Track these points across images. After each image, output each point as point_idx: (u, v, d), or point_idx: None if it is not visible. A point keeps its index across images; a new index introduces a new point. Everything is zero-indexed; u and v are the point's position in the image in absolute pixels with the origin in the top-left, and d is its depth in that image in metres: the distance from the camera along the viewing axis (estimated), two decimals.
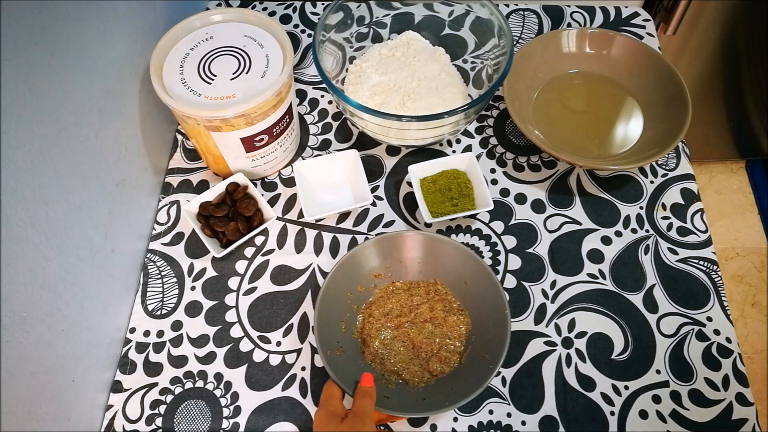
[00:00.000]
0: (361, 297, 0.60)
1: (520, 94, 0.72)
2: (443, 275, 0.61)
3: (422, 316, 0.59)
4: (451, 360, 0.57)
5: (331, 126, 0.75)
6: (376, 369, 0.57)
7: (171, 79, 0.61)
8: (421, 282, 0.61)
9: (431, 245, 0.60)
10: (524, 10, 0.85)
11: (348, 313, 0.59)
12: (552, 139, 0.71)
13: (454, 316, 0.59)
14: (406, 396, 0.55)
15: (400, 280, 0.62)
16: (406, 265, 0.61)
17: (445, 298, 0.60)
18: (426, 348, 0.57)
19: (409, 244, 0.60)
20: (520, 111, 0.70)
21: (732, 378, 0.58)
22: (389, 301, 0.60)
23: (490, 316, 0.56)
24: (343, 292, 0.59)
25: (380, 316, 0.59)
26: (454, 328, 0.58)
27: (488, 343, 0.55)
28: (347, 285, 0.59)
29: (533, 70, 0.75)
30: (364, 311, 0.60)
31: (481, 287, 0.58)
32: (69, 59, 0.51)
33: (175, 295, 0.64)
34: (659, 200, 0.68)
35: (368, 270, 0.61)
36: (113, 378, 0.59)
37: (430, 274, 0.61)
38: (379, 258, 0.60)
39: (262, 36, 0.64)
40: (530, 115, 0.73)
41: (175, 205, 0.69)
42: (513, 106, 0.69)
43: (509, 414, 0.57)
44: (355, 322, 0.59)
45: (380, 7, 0.75)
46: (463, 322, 0.59)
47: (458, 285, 0.60)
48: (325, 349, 0.54)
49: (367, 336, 0.58)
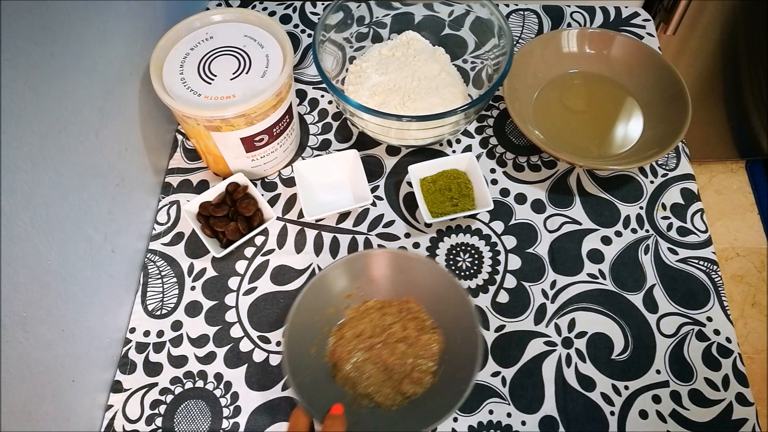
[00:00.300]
0: (332, 319, 0.58)
1: (520, 94, 0.72)
2: (416, 292, 0.59)
3: (395, 335, 0.57)
4: (423, 380, 0.55)
5: (331, 126, 0.75)
6: (348, 393, 0.55)
7: (171, 79, 0.61)
8: (393, 300, 0.59)
9: (402, 263, 0.58)
10: (524, 10, 0.85)
11: (318, 336, 0.57)
12: (552, 139, 0.71)
13: (426, 334, 0.57)
14: (377, 420, 0.53)
15: (372, 300, 0.60)
16: (377, 284, 0.59)
17: (418, 316, 0.58)
18: (399, 369, 0.55)
19: (379, 262, 0.58)
20: (520, 111, 0.70)
21: (732, 378, 0.58)
22: (361, 322, 0.58)
23: (462, 334, 0.55)
24: (312, 315, 0.57)
25: (352, 338, 0.57)
26: (427, 347, 0.56)
27: (460, 362, 0.54)
28: (317, 307, 0.57)
29: (533, 70, 0.75)
30: (336, 333, 0.58)
31: (453, 304, 0.56)
32: (69, 59, 0.51)
33: (175, 295, 0.64)
34: (659, 200, 0.68)
35: (339, 291, 0.58)
36: (113, 378, 0.59)
37: (402, 292, 0.59)
38: (350, 278, 0.58)
39: (262, 36, 0.64)
40: (530, 115, 0.73)
41: (175, 205, 0.69)
42: (513, 106, 0.69)
43: (509, 414, 0.57)
44: (326, 345, 0.57)
45: (380, 7, 0.75)
46: (436, 340, 0.57)
47: (431, 302, 0.58)
48: (295, 375, 0.52)
49: (338, 359, 0.56)
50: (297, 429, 0.48)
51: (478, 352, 0.52)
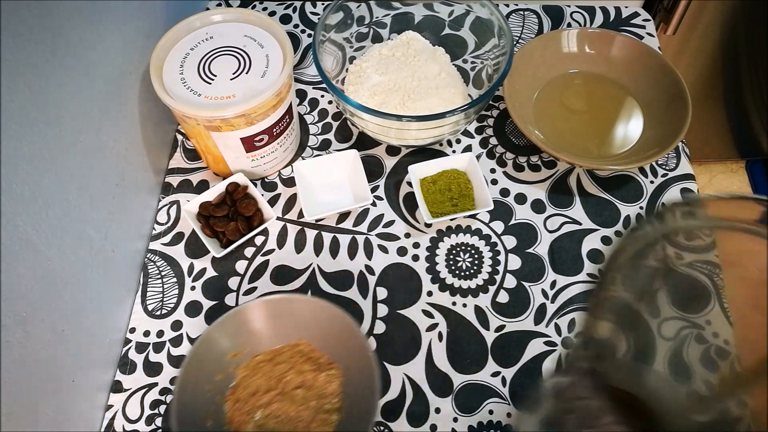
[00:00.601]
0: (223, 384, 0.56)
1: (520, 94, 0.72)
2: (304, 332, 0.57)
3: (291, 383, 0.55)
4: (330, 420, 0.54)
5: (331, 126, 0.75)
6: None
7: (171, 79, 0.61)
8: (284, 347, 0.57)
9: (281, 306, 0.56)
10: (524, 10, 0.85)
11: (212, 406, 0.54)
12: (552, 139, 0.71)
13: (323, 373, 0.56)
14: None
15: (262, 353, 0.57)
16: (262, 336, 0.57)
17: (311, 356, 0.57)
18: (303, 416, 0.54)
19: (256, 314, 0.56)
20: (520, 111, 0.70)
21: None
22: (254, 379, 0.56)
23: (357, 362, 0.53)
24: (201, 387, 0.54)
25: (248, 397, 0.55)
26: (327, 386, 0.55)
27: (362, 392, 0.52)
28: (204, 378, 0.54)
29: (533, 70, 0.75)
30: (230, 398, 0.55)
31: (342, 335, 0.54)
32: (69, 59, 0.51)
33: (175, 295, 0.64)
34: (659, 200, 0.68)
35: (223, 354, 0.56)
36: (113, 378, 0.59)
37: (290, 336, 0.57)
38: (231, 338, 0.56)
39: (262, 36, 0.64)
40: (530, 115, 0.73)
41: (175, 205, 0.69)
42: (513, 106, 0.69)
43: (509, 414, 0.57)
44: (223, 413, 0.55)
45: (380, 7, 0.75)
46: (334, 376, 0.56)
47: (321, 338, 0.56)
48: None
49: (238, 424, 0.54)
50: None
51: (375, 376, 0.51)
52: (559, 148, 0.67)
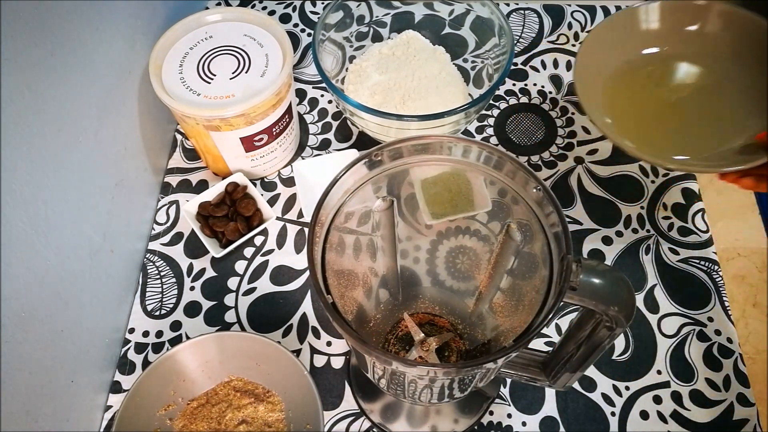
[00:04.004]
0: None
1: (590, 81, 0.61)
2: (233, 368, 0.56)
3: (234, 420, 0.55)
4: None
5: (331, 125, 0.75)
6: None
7: (170, 78, 0.61)
8: (217, 386, 0.56)
9: (204, 346, 0.54)
10: (525, 9, 0.84)
11: None
12: (635, 136, 0.59)
13: (263, 403, 0.55)
14: None
15: (195, 398, 0.56)
16: (192, 380, 0.55)
17: (247, 389, 0.56)
18: None
19: (179, 361, 0.54)
20: (590, 99, 0.59)
21: (733, 378, 0.58)
22: (194, 425, 0.55)
23: (294, 385, 0.53)
24: None
25: None
26: (269, 415, 0.55)
27: (305, 410, 0.52)
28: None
29: (606, 55, 0.62)
30: None
31: (272, 359, 0.53)
32: (68, 59, 0.51)
33: (174, 295, 0.64)
34: (660, 200, 0.68)
35: (155, 408, 0.54)
36: (112, 378, 0.59)
37: (221, 374, 0.56)
38: (159, 390, 0.54)
39: (262, 35, 0.64)
40: (601, 104, 0.61)
41: (175, 205, 0.69)
42: (585, 93, 0.58)
43: (509, 415, 0.57)
44: None
45: (380, 6, 0.75)
46: (274, 402, 0.55)
47: (253, 369, 0.56)
48: None
49: None
50: None
51: (314, 392, 0.50)
52: (643, 148, 0.56)
